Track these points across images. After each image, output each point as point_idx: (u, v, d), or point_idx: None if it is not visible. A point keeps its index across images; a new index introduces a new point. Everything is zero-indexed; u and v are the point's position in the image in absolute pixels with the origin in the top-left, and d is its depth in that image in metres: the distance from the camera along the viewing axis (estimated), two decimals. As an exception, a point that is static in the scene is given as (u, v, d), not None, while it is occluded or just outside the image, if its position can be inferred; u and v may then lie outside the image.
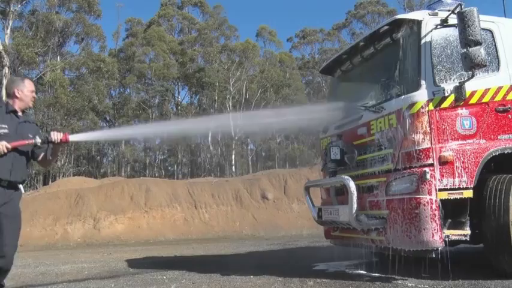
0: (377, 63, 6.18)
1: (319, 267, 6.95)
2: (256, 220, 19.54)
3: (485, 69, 5.37)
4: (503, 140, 5.41)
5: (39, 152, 4.41)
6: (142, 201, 19.11)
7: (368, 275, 5.86)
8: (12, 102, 4.29)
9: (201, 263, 8.43)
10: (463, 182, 5.07)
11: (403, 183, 5.17)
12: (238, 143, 40.87)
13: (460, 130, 5.24)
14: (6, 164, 4.04)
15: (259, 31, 47.04)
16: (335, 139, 6.19)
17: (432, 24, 5.46)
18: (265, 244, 12.66)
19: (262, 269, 6.69)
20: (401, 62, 5.48)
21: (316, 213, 6.44)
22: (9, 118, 4.18)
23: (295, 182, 21.21)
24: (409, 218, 5.01)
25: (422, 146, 5.08)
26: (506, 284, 4.86)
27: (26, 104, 4.39)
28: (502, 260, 5.12)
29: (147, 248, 12.87)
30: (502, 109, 5.47)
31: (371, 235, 5.61)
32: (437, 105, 5.18)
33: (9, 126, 4.12)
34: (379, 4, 46.60)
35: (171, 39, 42.81)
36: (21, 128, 4.26)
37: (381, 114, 5.54)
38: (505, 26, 5.93)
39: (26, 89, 4.36)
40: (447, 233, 5.02)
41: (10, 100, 4.31)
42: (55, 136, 4.24)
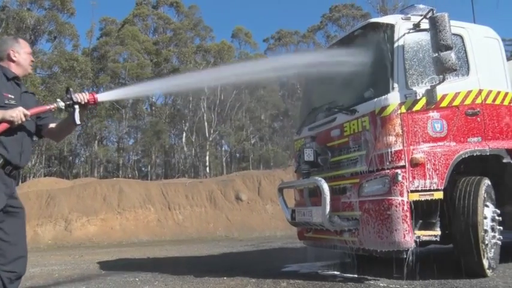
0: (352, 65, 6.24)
1: (292, 268, 6.98)
2: (230, 221, 19.52)
3: (456, 74, 5.49)
4: (472, 143, 5.54)
5: (45, 122, 3.68)
6: (115, 202, 18.90)
7: (341, 276, 5.91)
8: (8, 67, 3.52)
9: (175, 265, 8.38)
10: (433, 184, 5.16)
11: (375, 185, 5.23)
12: (212, 144, 40.77)
13: (431, 133, 5.33)
14: (16, 145, 3.35)
15: (235, 32, 47.06)
16: (309, 141, 6.23)
17: (405, 29, 5.55)
18: (239, 245, 12.66)
19: (235, 270, 6.69)
20: (374, 64, 5.54)
21: (289, 214, 6.46)
22: (11, 87, 3.45)
23: (269, 183, 21.26)
24: (381, 219, 5.08)
25: (395, 148, 5.15)
26: (473, 283, 4.96)
27: (25, 69, 3.65)
28: (470, 260, 5.23)
29: (119, 250, 12.73)
30: (471, 112, 5.60)
31: (344, 236, 5.66)
32: (409, 108, 5.27)
33: (14, 96, 3.40)
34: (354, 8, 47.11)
35: (146, 38, 42.45)
36: (24, 99, 3.52)
37: (354, 117, 5.60)
38: (475, 32, 6.08)
39: (23, 51, 3.62)
40: (418, 233, 5.10)
41: (4, 65, 3.52)
42: (80, 97, 3.51)
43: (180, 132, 41.45)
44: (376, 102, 5.36)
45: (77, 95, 3.50)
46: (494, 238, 5.43)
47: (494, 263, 5.35)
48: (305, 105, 7.35)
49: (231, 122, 41.52)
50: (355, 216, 5.43)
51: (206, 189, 21.02)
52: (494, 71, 6.01)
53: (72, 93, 3.51)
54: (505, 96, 5.97)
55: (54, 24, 37.22)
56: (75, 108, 3.50)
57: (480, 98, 5.72)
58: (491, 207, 5.47)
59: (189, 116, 39.71)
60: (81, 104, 3.51)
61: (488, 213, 5.38)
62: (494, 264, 5.35)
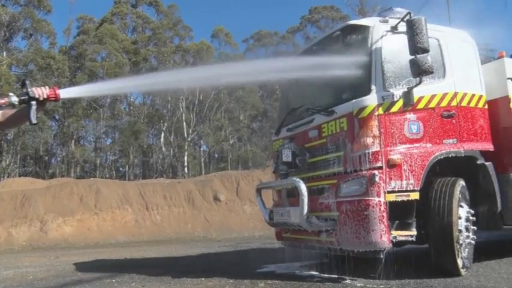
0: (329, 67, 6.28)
1: (270, 268, 6.99)
2: (209, 222, 19.45)
3: (432, 76, 5.56)
4: (447, 144, 5.64)
5: None
6: (92, 202, 18.67)
7: (318, 276, 5.95)
8: None
9: (152, 266, 8.32)
10: (410, 185, 5.24)
11: (352, 186, 5.28)
12: (191, 144, 40.60)
13: (408, 134, 5.41)
14: None
15: (215, 32, 46.90)
16: (287, 141, 6.26)
17: (383, 31, 5.61)
18: (217, 246, 12.63)
19: (213, 271, 6.68)
20: (352, 66, 5.59)
21: (267, 214, 6.48)
22: None
23: (247, 184, 21.25)
24: (358, 219, 5.13)
25: (372, 149, 5.21)
26: (448, 282, 5.06)
27: None
28: (445, 259, 5.34)
29: (96, 251, 12.57)
30: (447, 114, 5.70)
31: (321, 236, 5.70)
32: (387, 110, 5.33)
33: None
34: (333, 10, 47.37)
35: (124, 37, 42.01)
36: None
37: (332, 118, 5.64)
38: (451, 36, 6.19)
39: None
40: (394, 234, 5.17)
41: None
42: (39, 91, 3.06)
43: (158, 132, 41.16)
44: (353, 103, 5.41)
45: (35, 90, 3.05)
46: (468, 238, 5.54)
47: (468, 262, 5.46)
48: (284, 106, 7.38)
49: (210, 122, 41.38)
50: (333, 216, 5.47)
51: (184, 189, 20.91)
52: (469, 74, 6.13)
53: (29, 86, 3.05)
54: (479, 99, 6.09)
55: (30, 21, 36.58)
56: (32, 104, 3.03)
57: (455, 101, 5.82)
58: (466, 208, 5.58)
59: (167, 116, 39.48)
60: (39, 100, 3.06)
61: (462, 214, 5.48)
62: (468, 264, 5.46)
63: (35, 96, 3.04)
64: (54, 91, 3.13)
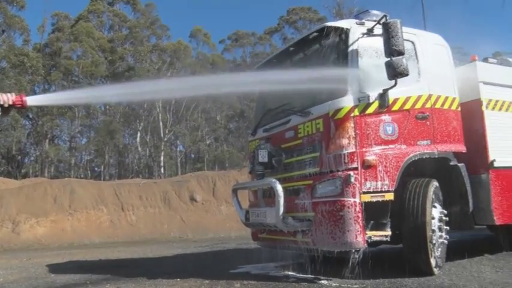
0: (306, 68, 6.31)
1: (246, 269, 6.98)
2: (185, 222, 19.36)
3: (408, 78, 5.62)
4: (422, 146, 5.72)
5: None
6: (66, 203, 18.39)
7: (294, 276, 5.96)
8: None
9: (127, 267, 8.22)
10: (385, 185, 5.30)
11: (328, 186, 5.32)
12: (167, 144, 40.35)
13: (383, 135, 5.47)
14: None
15: (193, 32, 46.67)
16: (263, 142, 6.27)
17: (359, 33, 5.67)
18: (193, 246, 12.57)
19: (189, 272, 6.65)
20: (328, 67, 5.63)
21: (243, 215, 6.48)
22: None
23: (224, 184, 21.23)
24: (334, 220, 5.16)
25: (347, 150, 5.25)
26: (421, 281, 5.14)
27: None
28: (418, 259, 5.43)
29: (70, 252, 12.37)
30: (421, 116, 5.79)
31: (297, 237, 5.72)
32: (362, 111, 5.39)
33: None
34: (311, 11, 47.63)
35: (101, 36, 41.52)
36: None
37: (308, 119, 5.67)
38: (425, 39, 6.29)
39: None
40: (369, 234, 5.22)
41: None
42: (4, 98, 2.99)
43: (134, 132, 40.76)
44: (330, 104, 5.45)
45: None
46: (441, 238, 5.65)
47: (440, 262, 5.57)
48: (260, 107, 7.39)
49: (187, 123, 41.20)
50: (309, 217, 5.50)
51: (160, 189, 20.77)
52: (443, 77, 6.23)
53: None
54: (452, 101, 6.20)
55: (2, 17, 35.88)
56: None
57: (430, 103, 5.91)
58: (439, 208, 5.68)
59: (143, 116, 39.13)
60: (4, 106, 3.00)
61: (436, 214, 5.58)
62: (440, 263, 5.56)
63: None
64: (20, 98, 3.05)
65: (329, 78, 5.62)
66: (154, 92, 6.37)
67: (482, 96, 6.55)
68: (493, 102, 6.66)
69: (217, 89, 6.14)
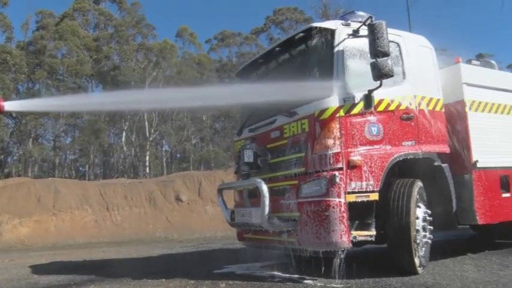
0: (292, 68, 6.33)
1: (231, 269, 6.98)
2: (170, 222, 19.29)
3: (393, 79, 5.67)
4: (406, 146, 5.77)
5: None
6: (50, 203, 18.21)
7: (279, 276, 5.97)
8: None
9: (112, 267, 8.18)
10: (369, 186, 5.34)
11: (313, 186, 5.33)
12: (152, 144, 40.11)
13: (368, 136, 5.51)
14: None
15: (180, 31, 46.42)
16: (249, 142, 6.27)
17: (345, 34, 5.70)
18: (179, 246, 12.54)
19: (174, 272, 6.63)
20: (314, 68, 5.65)
21: (229, 215, 6.48)
22: None
23: (209, 184, 21.18)
24: (319, 220, 5.18)
25: (333, 150, 5.27)
26: (405, 280, 5.19)
27: None
28: (402, 258, 5.48)
29: (54, 253, 12.24)
30: (406, 117, 5.83)
31: (282, 237, 5.73)
32: (348, 112, 5.42)
33: None
34: (297, 11, 47.67)
35: (86, 34, 41.10)
36: None
37: (294, 119, 5.69)
38: (410, 40, 6.35)
39: None
40: (354, 234, 5.26)
41: None
42: None
43: (119, 131, 40.43)
44: (315, 105, 5.47)
45: None
46: (425, 237, 5.70)
47: (424, 261, 5.62)
48: (246, 106, 7.39)
49: (172, 122, 40.97)
50: (294, 217, 5.51)
51: (146, 189, 20.67)
52: (427, 78, 6.30)
53: None
54: (436, 102, 6.26)
55: (-16, 13, 35.36)
56: None
57: (414, 104, 5.97)
58: (423, 208, 5.74)
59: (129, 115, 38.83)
60: None
61: (420, 214, 5.63)
62: (424, 262, 5.62)
63: None
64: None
65: (315, 79, 5.64)
66: (139, 102, 6.38)
67: (466, 97, 6.62)
68: (476, 103, 6.74)
69: (203, 101, 6.14)
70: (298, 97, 5.74)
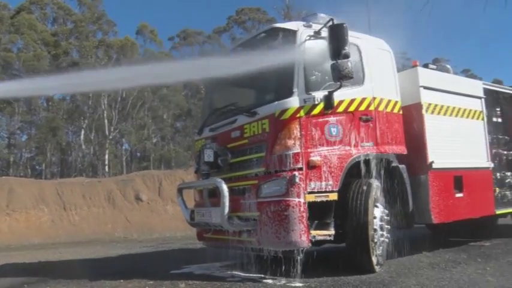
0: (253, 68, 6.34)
1: (191, 269, 6.92)
2: (130, 222, 19.01)
3: (352, 81, 5.76)
4: (365, 147, 5.87)
5: None
6: (3, 202, 17.62)
7: (240, 276, 5.96)
8: None
9: (69, 268, 7.98)
10: (329, 186, 5.40)
11: (273, 186, 5.36)
12: (112, 143, 39.44)
13: (328, 136, 5.57)
14: None
15: (139, 29, 45.76)
16: (209, 141, 6.24)
17: (306, 35, 5.75)
18: (138, 246, 12.37)
19: (133, 273, 6.52)
20: (275, 68, 5.67)
21: (189, 215, 6.43)
22: None
23: (170, 184, 20.98)
24: (279, 219, 5.21)
25: (293, 150, 5.31)
26: (363, 279, 5.29)
27: None
28: (360, 257, 5.59)
29: (8, 254, 11.83)
30: (365, 118, 5.93)
31: (242, 236, 5.74)
32: (308, 112, 5.46)
33: None
34: (260, 12, 47.77)
35: (44, 28, 39.98)
36: None
37: (255, 119, 5.69)
38: (370, 43, 6.46)
39: None
40: (314, 233, 5.31)
41: None
42: None
43: (78, 129, 39.57)
44: (276, 105, 5.49)
45: None
46: (383, 236, 5.83)
47: (382, 260, 5.75)
48: (207, 106, 7.37)
49: (133, 121, 40.38)
50: (254, 217, 5.52)
51: (105, 188, 20.29)
52: (386, 81, 6.43)
53: None
54: (394, 104, 6.40)
55: None
56: None
57: (373, 105, 6.07)
58: (381, 208, 5.85)
59: (88, 113, 38.08)
60: None
61: (377, 214, 5.75)
62: (381, 261, 5.74)
63: None
64: None
65: (276, 79, 5.67)
66: (98, 82, 6.22)
67: (423, 100, 6.79)
68: (432, 106, 6.92)
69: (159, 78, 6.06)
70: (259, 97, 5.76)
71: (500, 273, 5.51)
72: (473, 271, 5.66)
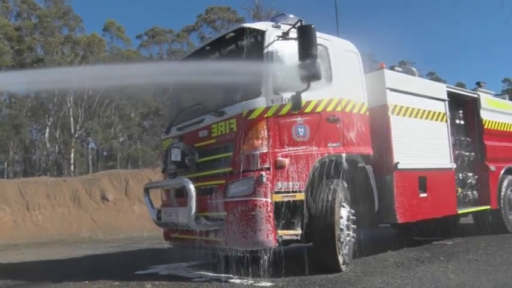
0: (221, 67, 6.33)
1: (158, 269, 6.87)
2: (95, 222, 18.70)
3: (320, 82, 5.81)
4: (332, 148, 5.93)
5: None
6: (-38, 202, 17.11)
7: (207, 276, 5.95)
8: None
9: (31, 270, 7.81)
10: (296, 186, 5.43)
11: (240, 186, 5.36)
12: (78, 141, 38.74)
13: (295, 137, 5.60)
14: None
15: (106, 25, 45.04)
16: (176, 141, 6.20)
17: (275, 36, 5.77)
18: (104, 247, 12.19)
19: (98, 274, 6.42)
20: (243, 68, 5.67)
21: (155, 214, 6.38)
22: None
23: (137, 183, 20.72)
24: (246, 219, 5.21)
25: (260, 150, 5.32)
26: (330, 278, 5.35)
27: None
28: (327, 257, 5.64)
29: (-34, 256, 11.50)
30: (332, 119, 5.99)
31: (209, 236, 5.72)
32: (276, 113, 5.48)
33: None
34: (230, 11, 47.69)
35: (6, 23, 38.87)
36: None
37: (222, 118, 5.68)
38: (338, 45, 6.53)
39: None
40: (280, 233, 5.33)
41: None
42: None
43: (42, 127, 38.70)
44: (244, 105, 5.50)
45: None
46: (349, 236, 5.90)
47: (348, 259, 5.82)
48: (175, 105, 7.33)
49: (99, 119, 39.72)
50: (221, 216, 5.51)
51: (70, 188, 19.90)
52: (353, 82, 6.50)
53: None
54: (361, 106, 6.48)
55: None
56: None
57: (340, 106, 6.13)
58: (347, 208, 5.93)
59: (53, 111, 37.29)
60: None
61: (344, 213, 5.81)
62: (348, 260, 5.82)
63: None
64: None
65: (244, 79, 5.67)
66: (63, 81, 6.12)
67: (389, 102, 6.90)
68: (398, 108, 7.04)
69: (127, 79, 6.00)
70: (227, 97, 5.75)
71: (461, 270, 5.65)
72: (436, 269, 5.78)
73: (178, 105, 6.99)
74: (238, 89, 5.81)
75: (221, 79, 5.66)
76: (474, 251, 7.16)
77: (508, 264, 5.95)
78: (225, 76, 5.64)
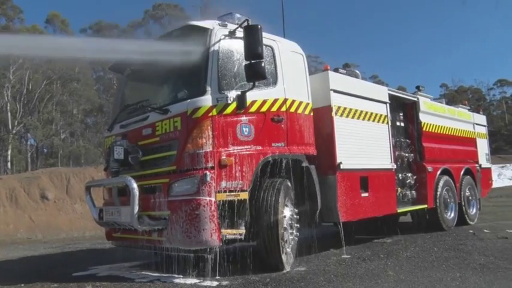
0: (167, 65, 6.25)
1: (99, 270, 6.71)
2: (34, 222, 18.03)
3: (265, 82, 5.86)
4: (276, 147, 5.99)
5: None
6: None
7: (150, 276, 5.88)
8: None
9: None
10: (240, 185, 5.45)
11: (184, 185, 5.32)
12: (16, 137, 37.25)
13: (240, 136, 5.62)
14: None
15: (50, 18, 43.65)
16: (119, 138, 6.06)
17: (221, 35, 5.76)
18: (43, 248, 11.77)
19: (36, 276, 6.21)
20: (189, 66, 5.63)
21: (97, 214, 6.22)
22: None
23: (78, 182, 20.16)
24: (189, 218, 5.18)
25: (204, 149, 5.29)
26: (273, 276, 5.41)
27: None
28: (271, 255, 5.70)
29: None
30: (277, 119, 6.05)
31: (153, 236, 5.64)
32: (221, 112, 5.47)
33: None
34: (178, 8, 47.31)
35: None
36: None
37: (167, 116, 5.61)
38: (284, 46, 6.60)
39: None
40: (224, 232, 5.33)
41: None
42: None
43: (-23, 122, 37.02)
44: (188, 103, 5.45)
45: None
46: (292, 235, 5.99)
47: (291, 258, 5.92)
48: (118, 102, 7.17)
49: (39, 115, 38.37)
50: (164, 216, 5.45)
51: (6, 186, 19.11)
52: (298, 83, 6.60)
53: None
54: (306, 106, 6.58)
55: None
56: None
57: (285, 107, 6.21)
58: (290, 207, 6.01)
59: (-11, 106, 35.71)
60: None
61: (287, 213, 5.89)
62: (291, 259, 5.91)
63: None
64: None
65: (189, 77, 5.63)
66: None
67: (333, 103, 7.03)
68: (342, 109, 7.19)
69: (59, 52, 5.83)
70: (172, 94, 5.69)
71: (400, 267, 5.84)
72: (375, 266, 5.96)
73: (122, 102, 6.84)
74: (183, 87, 5.77)
75: (166, 76, 5.57)
76: (412, 248, 7.42)
77: (441, 260, 6.22)
78: (171, 73, 5.57)
